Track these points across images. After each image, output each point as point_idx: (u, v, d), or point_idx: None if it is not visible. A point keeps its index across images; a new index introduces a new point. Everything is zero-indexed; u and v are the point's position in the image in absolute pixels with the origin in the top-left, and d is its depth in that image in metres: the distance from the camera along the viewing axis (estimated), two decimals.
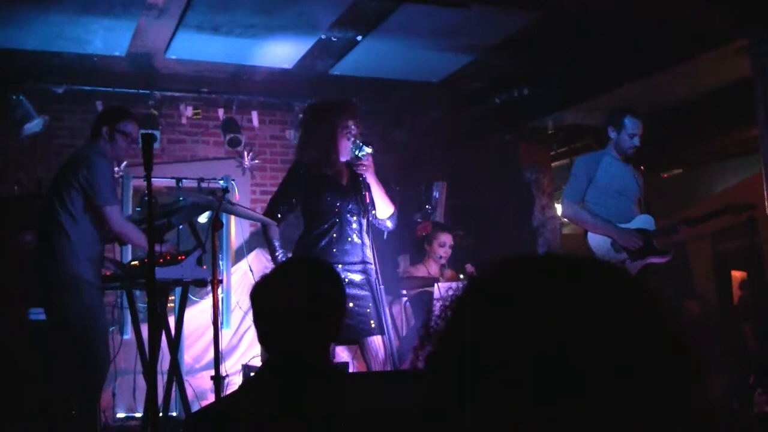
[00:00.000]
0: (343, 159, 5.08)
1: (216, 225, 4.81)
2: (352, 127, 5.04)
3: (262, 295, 2.56)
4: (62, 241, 5.06)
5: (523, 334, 0.86)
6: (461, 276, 7.07)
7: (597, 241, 5.81)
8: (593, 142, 8.14)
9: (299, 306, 2.47)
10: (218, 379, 4.63)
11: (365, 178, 5.00)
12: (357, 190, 5.03)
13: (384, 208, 5.11)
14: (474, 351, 0.88)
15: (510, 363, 0.85)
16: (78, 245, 5.08)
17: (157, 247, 5.16)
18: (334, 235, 4.98)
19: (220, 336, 5.04)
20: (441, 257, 6.97)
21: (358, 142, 4.98)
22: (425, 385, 0.94)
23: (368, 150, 4.97)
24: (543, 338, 0.85)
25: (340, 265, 4.89)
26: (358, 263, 4.97)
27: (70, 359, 5.03)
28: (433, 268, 6.98)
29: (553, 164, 9.25)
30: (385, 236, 5.55)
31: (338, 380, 2.57)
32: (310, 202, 5.08)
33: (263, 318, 2.54)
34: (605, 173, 5.89)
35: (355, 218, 5.03)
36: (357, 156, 4.97)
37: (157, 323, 4.57)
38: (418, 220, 8.25)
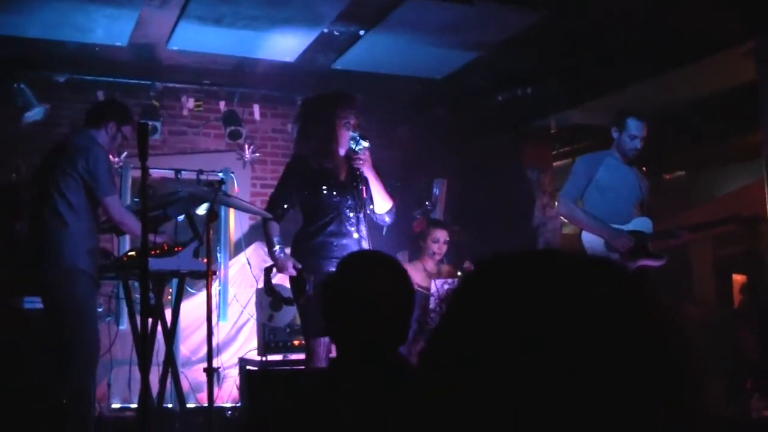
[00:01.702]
0: (341, 151, 5.06)
1: (211, 217, 4.79)
2: (351, 118, 5.03)
3: (335, 289, 2.48)
4: (62, 232, 5.04)
5: (518, 329, 0.85)
6: (459, 273, 7.04)
7: (590, 240, 5.79)
8: (596, 142, 8.12)
9: (374, 301, 2.39)
10: (211, 372, 4.61)
11: (362, 172, 4.98)
12: (355, 184, 5.01)
13: (382, 203, 5.10)
14: (467, 346, 0.87)
15: (504, 359, 0.84)
16: (77, 236, 5.06)
17: (153, 238, 5.14)
18: (332, 229, 4.97)
19: (216, 328, 5.03)
20: (435, 253, 6.94)
21: (355, 136, 4.97)
22: (418, 381, 0.93)
23: (365, 144, 4.96)
24: (537, 333, 0.84)
25: (337, 260, 4.86)
26: None
27: (60, 348, 5.02)
28: (429, 265, 6.95)
29: (555, 164, 9.24)
30: (384, 231, 5.53)
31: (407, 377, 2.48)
32: (308, 196, 5.06)
33: (335, 316, 2.46)
34: (606, 174, 5.86)
35: (353, 213, 5.01)
36: (354, 150, 4.95)
37: (151, 313, 4.56)
38: (417, 216, 8.23)
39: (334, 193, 5.00)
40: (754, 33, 6.10)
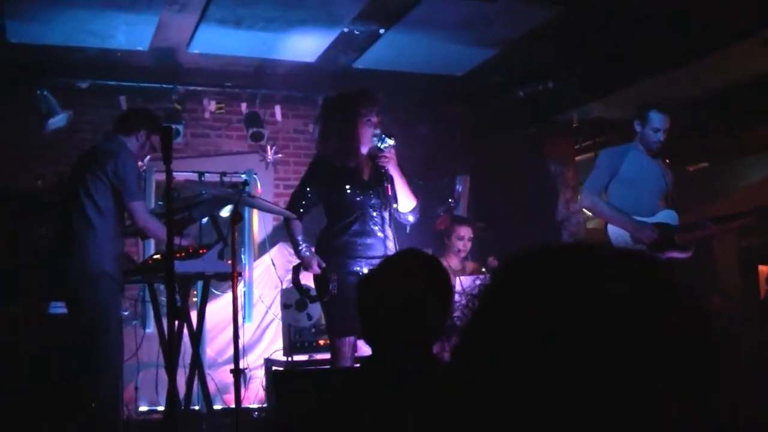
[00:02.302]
0: (364, 149, 5.05)
1: (236, 218, 4.81)
2: (373, 116, 5.02)
3: (373, 289, 2.47)
4: (89, 235, 5.08)
5: (552, 325, 0.85)
6: (483, 269, 7.04)
7: (616, 233, 5.78)
8: (618, 135, 8.08)
9: (413, 300, 2.37)
10: (237, 373, 4.62)
11: (388, 170, 4.97)
12: (379, 183, 5.00)
13: (406, 202, 5.09)
14: (496, 341, 0.88)
15: (525, 353, 0.85)
16: (104, 240, 5.11)
17: (178, 241, 5.17)
18: (357, 229, 4.97)
19: (241, 330, 5.04)
20: (459, 250, 6.94)
21: (380, 133, 4.96)
22: (452, 378, 0.94)
23: (391, 142, 4.94)
24: (556, 328, 0.85)
25: (362, 260, 4.88)
26: (380, 257, 4.93)
27: (85, 351, 5.06)
28: (454, 262, 6.95)
29: (577, 158, 9.21)
30: (407, 230, 5.53)
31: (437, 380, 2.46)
32: (331, 196, 5.06)
33: (370, 315, 2.44)
34: (630, 166, 5.84)
35: (376, 212, 5.01)
36: (379, 148, 4.94)
37: (177, 315, 4.58)
38: (440, 213, 8.22)
39: (358, 192, 5.00)
40: None
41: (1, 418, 5.37)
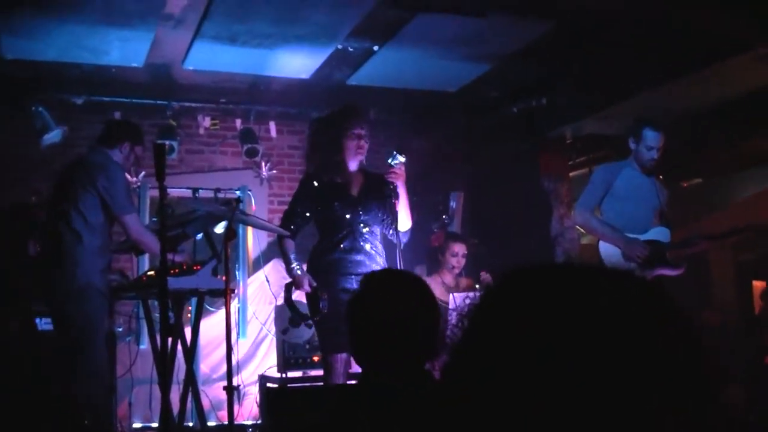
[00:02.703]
0: (352, 164, 5.06)
1: (229, 235, 4.81)
2: (358, 129, 5.03)
3: (363, 307, 2.49)
4: (77, 249, 5.07)
5: (532, 339, 0.86)
6: (477, 286, 7.04)
7: (608, 250, 5.79)
8: (612, 151, 8.09)
9: (404, 317, 2.40)
10: (231, 390, 4.61)
11: (396, 186, 4.95)
12: (370, 198, 5.00)
13: (405, 221, 5.08)
14: (486, 358, 0.88)
15: (518, 369, 0.85)
16: (92, 253, 5.10)
17: (172, 257, 5.17)
18: (346, 245, 4.97)
19: (235, 346, 5.04)
20: (454, 267, 6.95)
21: (392, 150, 4.97)
22: (441, 396, 0.94)
23: (401, 159, 4.94)
24: (551, 343, 0.85)
25: (352, 276, 4.88)
26: None
27: (72, 367, 5.05)
28: (448, 278, 6.95)
29: (571, 174, 9.21)
30: (401, 247, 5.53)
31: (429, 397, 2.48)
32: (321, 213, 5.07)
33: (361, 335, 2.46)
34: (624, 183, 5.86)
35: (367, 229, 5.01)
36: (390, 164, 4.95)
37: (171, 332, 4.58)
38: (435, 230, 8.23)
39: (346, 208, 5.01)
40: (767, 38, 6.08)
41: None
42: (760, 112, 6.98)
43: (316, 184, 5.07)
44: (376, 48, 6.81)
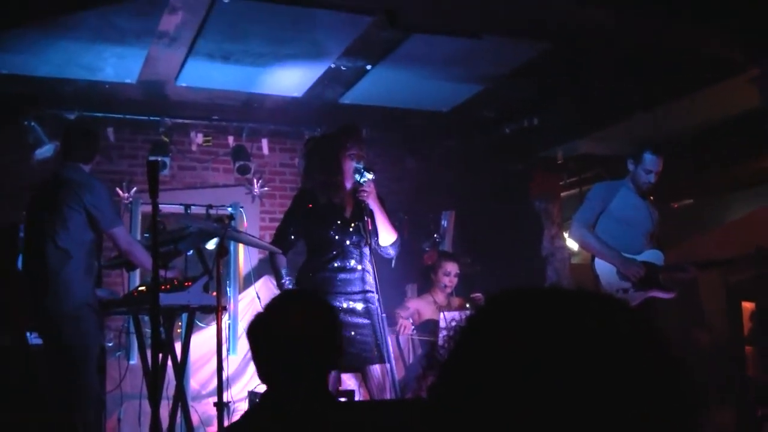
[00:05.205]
0: (348, 183, 5.06)
1: (221, 252, 4.81)
2: (355, 149, 5.04)
3: (257, 330, 2.63)
4: (67, 267, 5.07)
5: (518, 362, 0.86)
6: (467, 305, 7.05)
7: (603, 267, 5.80)
8: (603, 172, 8.14)
9: (291, 337, 2.54)
10: (221, 406, 4.61)
11: (368, 204, 4.97)
12: (359, 218, 5.01)
13: (386, 235, 5.08)
14: (472, 380, 0.89)
15: (504, 391, 0.86)
16: (82, 271, 5.10)
17: (163, 273, 5.17)
18: (336, 265, 4.97)
19: (225, 363, 5.03)
20: (446, 286, 6.96)
21: (360, 168, 4.97)
22: (426, 416, 0.94)
23: (370, 176, 4.95)
24: (536, 365, 0.85)
25: (341, 295, 4.89)
26: (359, 293, 4.96)
27: (65, 382, 5.04)
28: (440, 297, 6.96)
29: (562, 194, 9.25)
30: (392, 264, 5.53)
31: (335, 409, 2.61)
32: (312, 232, 5.07)
33: (260, 353, 2.61)
34: (620, 204, 5.88)
35: (356, 249, 5.01)
36: (359, 182, 4.96)
37: (161, 348, 4.57)
38: (426, 248, 8.24)
39: (340, 230, 5.01)
40: (758, 60, 6.13)
41: None
42: (751, 134, 7.02)
43: (311, 201, 5.08)
44: (369, 67, 6.83)
